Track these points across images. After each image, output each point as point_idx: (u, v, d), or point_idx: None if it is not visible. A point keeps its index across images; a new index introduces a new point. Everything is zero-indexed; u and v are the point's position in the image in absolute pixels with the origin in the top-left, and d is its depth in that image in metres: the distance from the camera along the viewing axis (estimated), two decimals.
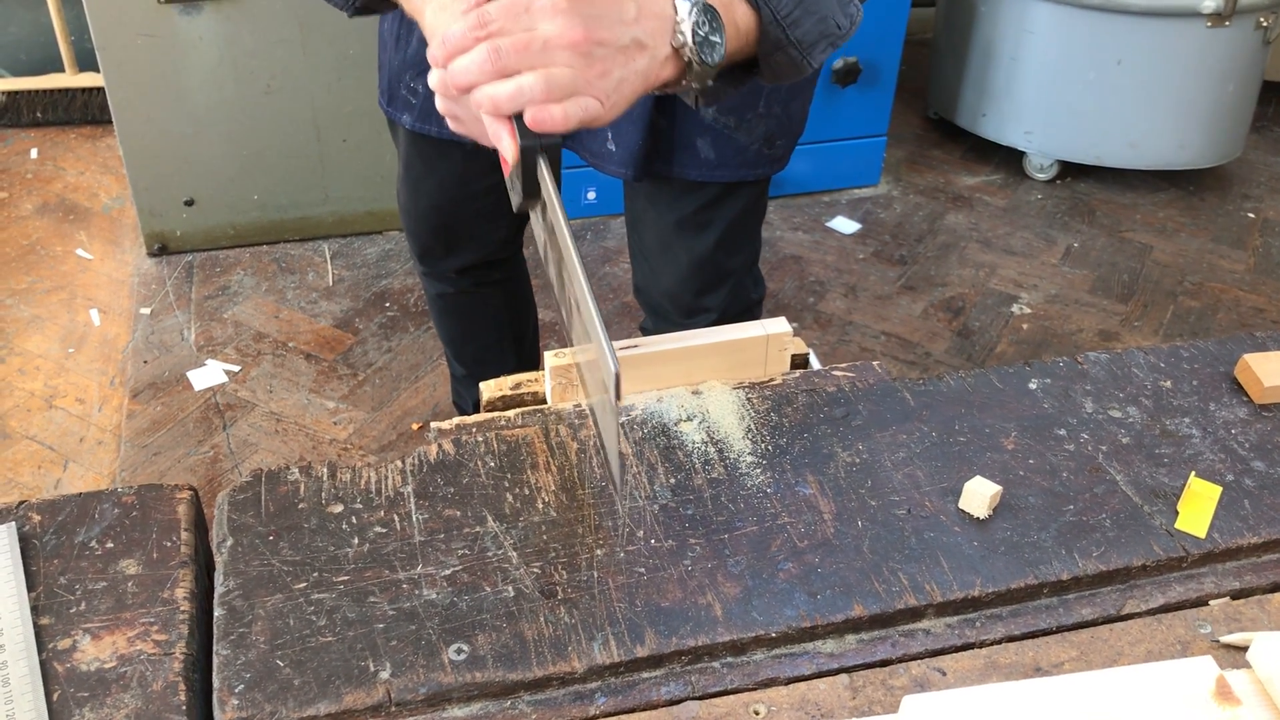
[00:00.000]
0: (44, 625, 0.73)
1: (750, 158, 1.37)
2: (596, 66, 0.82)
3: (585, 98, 0.81)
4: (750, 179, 1.40)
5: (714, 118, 1.32)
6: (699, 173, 1.36)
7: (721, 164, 1.36)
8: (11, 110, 3.28)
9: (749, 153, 1.36)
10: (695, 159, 1.35)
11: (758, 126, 1.34)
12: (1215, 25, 2.84)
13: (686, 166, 1.36)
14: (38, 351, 2.46)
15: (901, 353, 2.56)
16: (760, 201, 1.49)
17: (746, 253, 1.52)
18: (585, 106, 0.82)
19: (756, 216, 1.51)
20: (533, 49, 0.80)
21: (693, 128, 1.33)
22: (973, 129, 3.30)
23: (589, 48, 0.81)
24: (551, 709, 0.70)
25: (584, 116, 0.82)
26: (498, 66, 0.80)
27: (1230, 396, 0.95)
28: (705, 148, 1.35)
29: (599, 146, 1.35)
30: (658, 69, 0.86)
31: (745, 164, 1.37)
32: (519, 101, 0.81)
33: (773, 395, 0.93)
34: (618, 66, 0.83)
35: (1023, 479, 0.86)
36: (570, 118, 0.81)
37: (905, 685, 0.72)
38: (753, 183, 1.42)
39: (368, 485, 0.83)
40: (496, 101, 0.81)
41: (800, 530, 0.81)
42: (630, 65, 0.84)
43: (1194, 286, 2.84)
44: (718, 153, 1.35)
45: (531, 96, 0.80)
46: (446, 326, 1.84)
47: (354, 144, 2.75)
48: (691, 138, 1.34)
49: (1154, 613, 0.78)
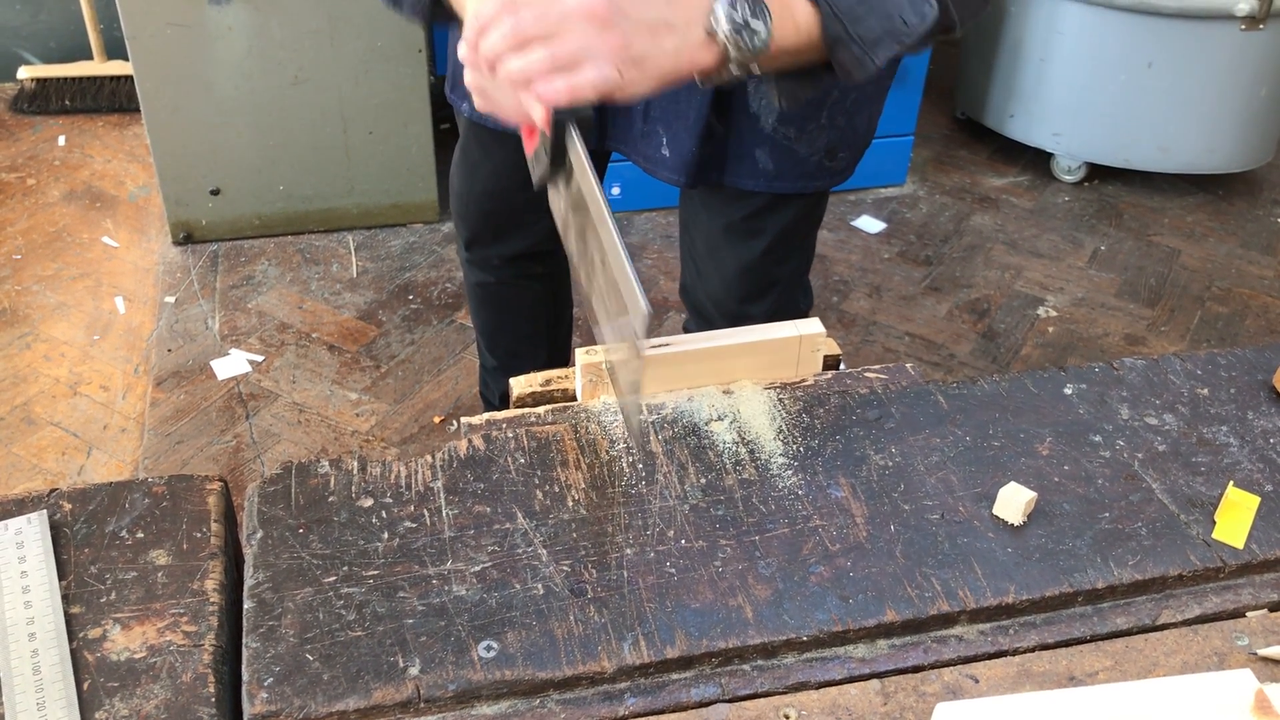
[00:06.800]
0: (74, 614, 0.73)
1: (810, 169, 1.33)
2: (615, 37, 0.81)
3: (599, 68, 0.81)
4: (809, 192, 1.37)
5: (774, 128, 1.29)
6: (756, 183, 1.33)
7: (780, 175, 1.33)
8: (40, 97, 3.30)
9: (809, 164, 1.33)
10: (753, 169, 1.32)
11: (819, 138, 1.31)
12: (1249, 28, 2.81)
13: (743, 176, 1.33)
14: (63, 338, 2.48)
15: (926, 354, 2.55)
16: (815, 211, 1.46)
17: (796, 261, 1.48)
18: (600, 78, 0.81)
19: (810, 225, 1.47)
20: (550, 19, 0.81)
21: (752, 137, 1.30)
22: (1000, 130, 3.28)
23: (608, 16, 0.81)
24: (580, 709, 0.70)
25: (597, 88, 0.82)
26: (518, 37, 0.81)
27: (1269, 405, 0.94)
28: (764, 158, 1.31)
29: (653, 152, 1.33)
30: (692, 52, 0.86)
31: (804, 175, 1.34)
32: (527, 74, 0.81)
33: (804, 396, 0.92)
34: (641, 41, 0.83)
35: (1058, 485, 0.85)
36: (579, 89, 0.81)
37: (937, 692, 0.71)
38: (809, 193, 1.38)
39: (398, 479, 0.83)
40: (511, 75, 0.82)
41: (832, 533, 0.80)
42: (657, 43, 0.84)
43: (1222, 292, 2.82)
44: (776, 164, 1.32)
45: (539, 69, 0.81)
46: (483, 316, 1.85)
47: (380, 136, 2.76)
48: (750, 147, 1.31)
49: (1190, 623, 0.77)
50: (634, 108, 1.31)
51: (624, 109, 1.31)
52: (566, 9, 0.81)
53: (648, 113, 1.30)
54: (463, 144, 1.57)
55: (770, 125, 1.29)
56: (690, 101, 1.25)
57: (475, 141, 1.53)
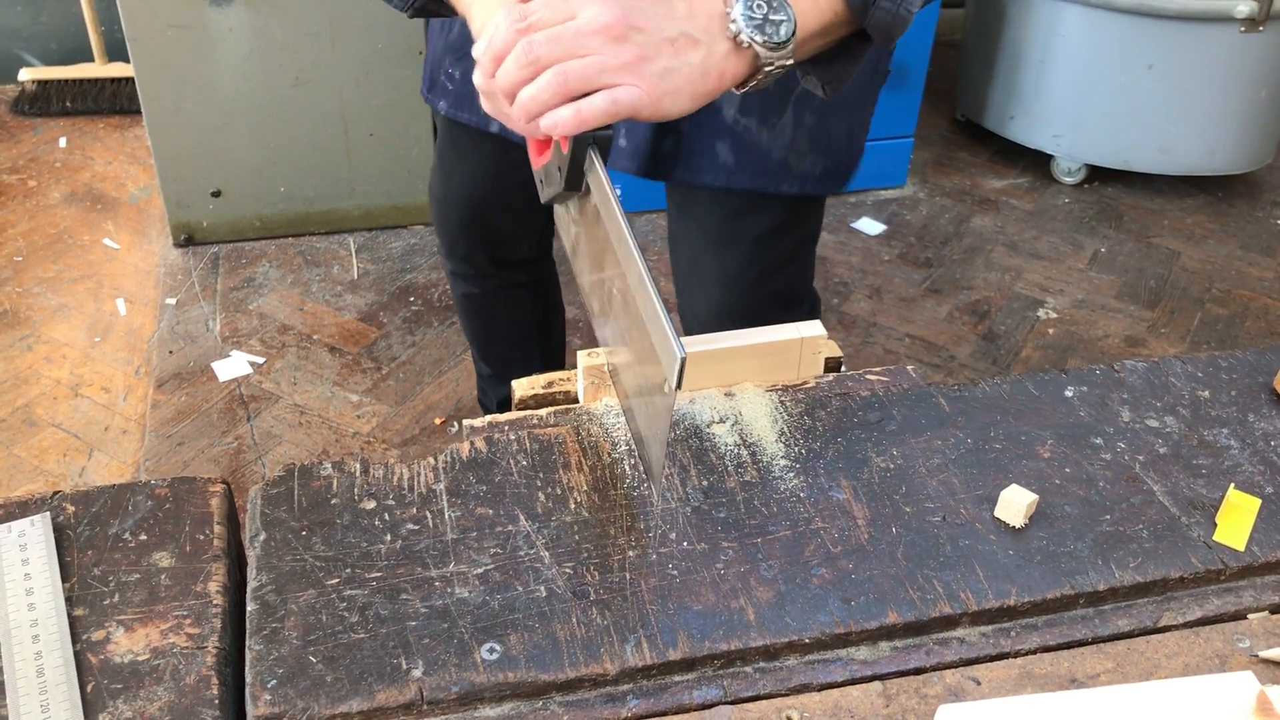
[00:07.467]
0: (78, 616, 0.73)
1: (772, 167, 1.29)
2: (632, 52, 0.80)
3: (617, 87, 0.79)
4: (771, 191, 1.32)
5: (735, 119, 1.25)
6: (714, 177, 1.29)
7: (740, 169, 1.29)
8: (41, 99, 3.30)
9: (771, 160, 1.29)
10: (714, 164, 1.29)
11: (783, 134, 1.27)
12: (1249, 30, 2.82)
13: (703, 171, 1.29)
14: (64, 340, 2.48)
15: (926, 355, 2.55)
16: (801, 226, 1.40)
17: (783, 282, 1.41)
18: (617, 97, 0.79)
19: (796, 242, 1.41)
20: (564, 39, 0.79)
21: (712, 129, 1.27)
22: (1000, 131, 3.28)
23: (623, 32, 0.79)
24: (583, 710, 0.70)
25: (615, 108, 0.80)
26: (531, 61, 0.79)
27: (1269, 407, 0.94)
28: (724, 151, 1.28)
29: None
30: (720, 63, 0.84)
31: (765, 173, 1.29)
32: (541, 102, 0.79)
33: (806, 398, 0.92)
34: (663, 56, 0.81)
35: (1059, 488, 0.85)
36: (592, 113, 0.79)
37: (939, 694, 0.71)
38: (782, 199, 1.34)
39: (400, 482, 0.83)
40: (524, 104, 0.80)
41: (834, 535, 0.80)
42: (681, 57, 0.82)
43: (1222, 293, 2.82)
44: (737, 157, 1.28)
45: (549, 99, 0.79)
46: (472, 327, 1.83)
47: (381, 138, 2.76)
48: (711, 140, 1.28)
49: (1191, 625, 0.78)
50: None
51: None
52: (580, 27, 0.79)
53: None
54: (440, 147, 1.53)
55: (731, 116, 1.25)
56: None
57: (450, 144, 1.50)
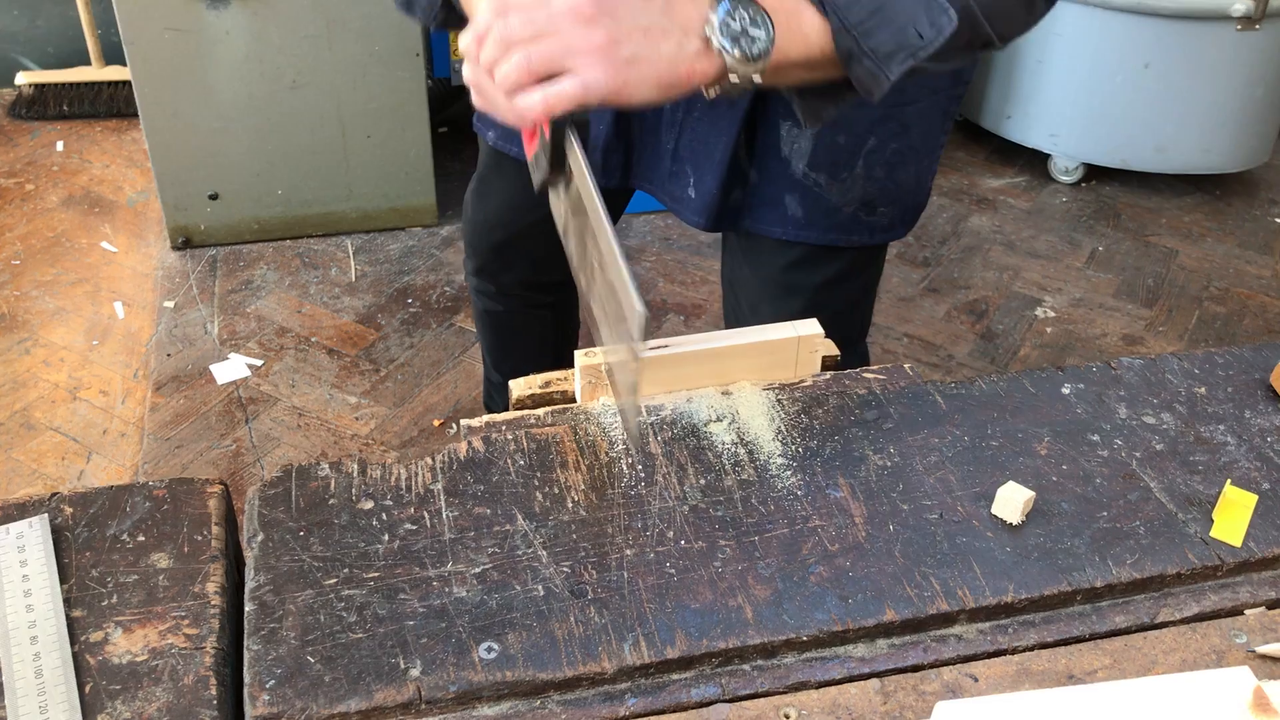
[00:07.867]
0: (76, 618, 0.73)
1: (843, 221, 1.28)
2: (601, 35, 0.81)
3: (585, 70, 0.81)
4: (841, 244, 1.30)
5: (805, 173, 1.24)
6: (783, 230, 1.28)
7: (810, 224, 1.27)
8: (38, 103, 3.30)
9: (841, 215, 1.27)
10: (781, 216, 1.27)
11: (853, 188, 1.25)
12: (1245, 28, 2.82)
13: (771, 223, 1.28)
14: (62, 343, 2.48)
15: (924, 355, 2.55)
16: (864, 272, 1.38)
17: (845, 328, 1.38)
18: (589, 80, 0.81)
19: (859, 290, 1.40)
20: (536, 21, 0.81)
21: (782, 182, 1.25)
22: (998, 131, 3.28)
23: (593, 14, 0.81)
24: (581, 709, 0.70)
25: (580, 92, 0.81)
26: (503, 39, 0.81)
27: (1266, 404, 0.94)
28: (793, 204, 1.26)
29: (680, 191, 1.29)
30: (690, 59, 0.85)
31: (836, 227, 1.28)
32: (511, 81, 0.81)
33: (803, 397, 0.93)
34: (632, 42, 0.82)
35: (1056, 485, 0.85)
36: (558, 98, 0.81)
37: (937, 690, 0.71)
38: (852, 249, 1.32)
39: (398, 482, 0.83)
40: (500, 83, 0.82)
41: (831, 533, 0.80)
42: (652, 46, 0.83)
43: (1220, 292, 2.82)
44: (806, 212, 1.27)
45: (517, 80, 0.81)
46: (489, 339, 1.84)
47: (378, 140, 2.76)
48: (779, 193, 1.26)
49: (1188, 621, 0.78)
50: (663, 145, 1.27)
51: (651, 145, 1.28)
52: (553, 10, 0.81)
53: (677, 151, 1.27)
54: (480, 172, 1.55)
55: (801, 170, 1.24)
56: (718, 142, 1.22)
57: (492, 169, 1.51)
